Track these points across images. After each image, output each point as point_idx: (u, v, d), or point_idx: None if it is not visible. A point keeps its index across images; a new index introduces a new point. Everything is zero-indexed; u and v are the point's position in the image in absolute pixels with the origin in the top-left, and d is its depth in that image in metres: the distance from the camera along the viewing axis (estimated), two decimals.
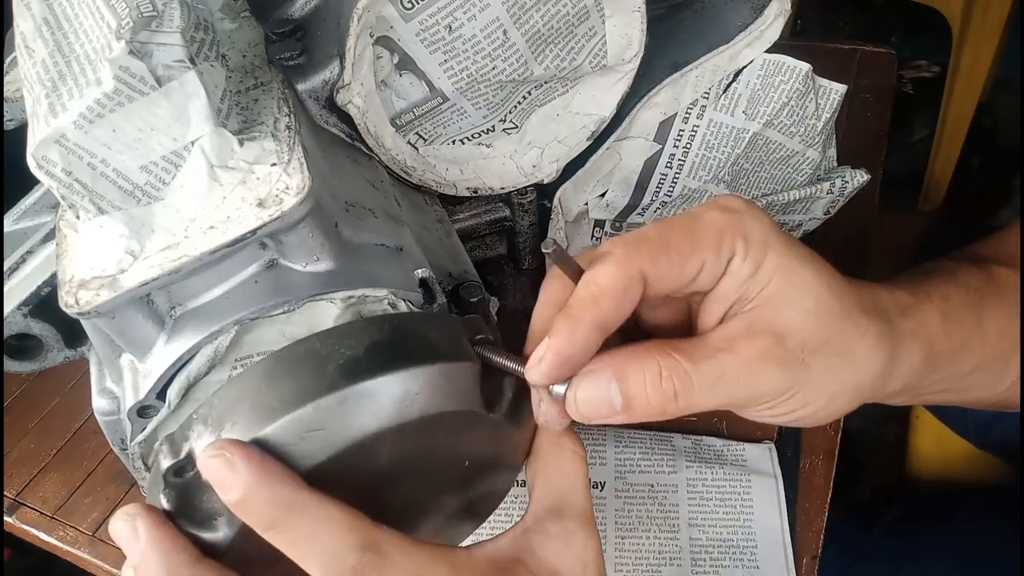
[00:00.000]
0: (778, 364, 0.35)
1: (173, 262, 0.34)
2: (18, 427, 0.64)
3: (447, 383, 0.34)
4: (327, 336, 0.34)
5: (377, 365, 0.33)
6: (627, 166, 0.55)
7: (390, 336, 0.34)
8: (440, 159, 0.50)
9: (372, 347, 0.33)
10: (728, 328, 0.36)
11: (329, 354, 0.33)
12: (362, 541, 0.32)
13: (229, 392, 0.33)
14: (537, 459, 0.39)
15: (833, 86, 0.54)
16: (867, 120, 0.76)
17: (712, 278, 0.36)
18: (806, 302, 0.36)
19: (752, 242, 0.35)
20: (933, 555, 0.67)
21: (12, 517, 0.59)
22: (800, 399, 0.36)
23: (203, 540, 0.33)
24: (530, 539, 0.37)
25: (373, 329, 0.34)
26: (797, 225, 0.60)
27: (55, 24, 0.36)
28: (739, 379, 0.35)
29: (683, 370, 0.34)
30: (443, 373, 0.34)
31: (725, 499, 0.55)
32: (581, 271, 0.35)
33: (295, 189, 0.34)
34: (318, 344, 0.34)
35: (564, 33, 0.47)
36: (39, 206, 0.45)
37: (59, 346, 0.44)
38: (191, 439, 0.33)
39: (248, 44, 0.42)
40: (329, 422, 0.32)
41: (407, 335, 0.35)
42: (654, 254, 0.35)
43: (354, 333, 0.34)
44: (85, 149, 0.33)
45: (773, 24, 0.51)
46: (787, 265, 0.36)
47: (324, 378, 0.32)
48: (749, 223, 0.36)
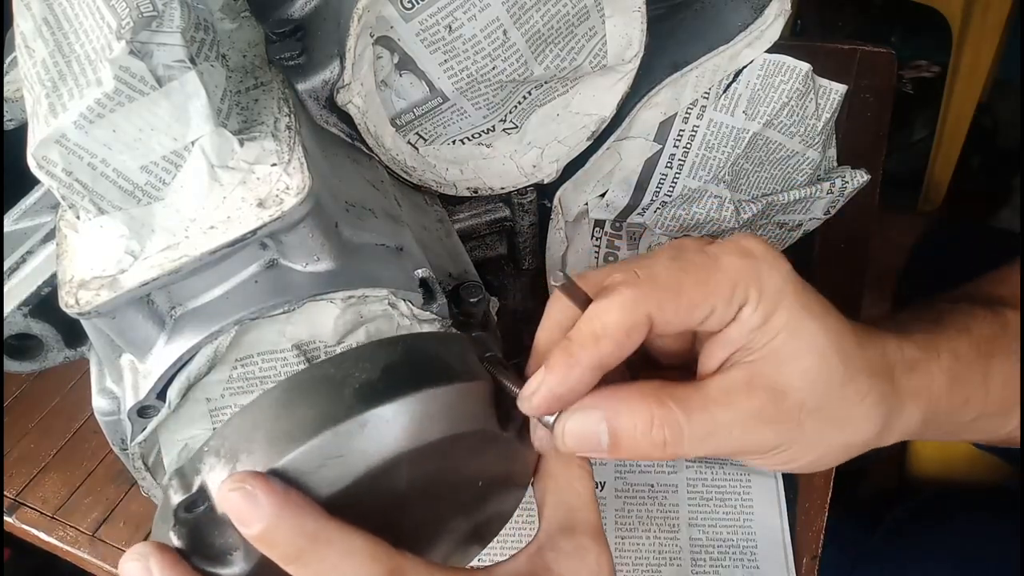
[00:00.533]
0: (772, 423, 0.35)
1: (173, 262, 0.34)
2: (18, 427, 0.64)
3: (463, 403, 0.34)
4: (341, 360, 0.33)
5: (394, 388, 0.32)
6: (627, 166, 0.55)
7: (404, 357, 0.34)
8: (440, 159, 0.50)
9: (387, 369, 0.33)
10: (727, 379, 0.36)
11: (344, 378, 0.32)
12: (387, 570, 0.31)
13: (241, 421, 0.33)
14: (546, 476, 0.39)
15: (833, 86, 0.54)
16: (867, 120, 0.76)
17: (720, 323, 0.36)
18: (809, 362, 0.35)
19: (766, 292, 0.35)
20: (934, 556, 0.67)
21: (12, 517, 0.59)
22: (788, 455, 0.37)
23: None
24: (544, 557, 0.37)
25: (386, 351, 0.34)
26: (797, 225, 0.60)
27: (55, 24, 0.36)
28: (731, 434, 0.35)
29: (676, 421, 0.34)
30: (459, 393, 0.33)
31: (725, 499, 0.55)
32: (589, 300, 0.35)
33: (295, 189, 0.34)
34: (332, 369, 0.33)
35: (564, 33, 0.47)
36: (39, 206, 0.45)
37: (59, 346, 0.44)
38: (203, 472, 0.32)
39: (248, 44, 0.42)
40: (349, 448, 0.31)
41: (421, 356, 0.34)
42: (663, 301, 0.34)
43: (368, 356, 0.33)
44: (85, 149, 0.33)
45: (773, 24, 0.51)
46: (797, 320, 0.35)
47: (341, 403, 0.31)
48: (766, 272, 0.35)
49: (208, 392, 0.39)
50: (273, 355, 0.39)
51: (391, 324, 0.40)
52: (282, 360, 0.39)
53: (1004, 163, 1.36)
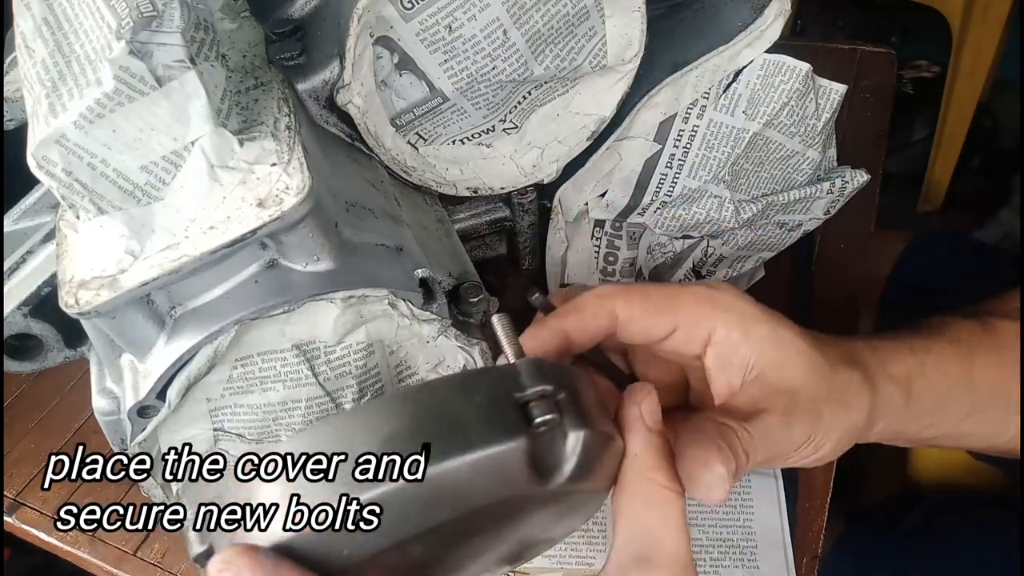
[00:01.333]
0: (799, 420, 0.38)
1: (173, 262, 0.34)
2: (18, 427, 0.64)
3: (483, 474, 0.29)
4: (349, 422, 0.29)
5: (389, 472, 0.28)
6: (627, 166, 0.55)
7: (410, 424, 0.29)
8: (440, 159, 0.50)
9: (388, 440, 0.28)
10: (747, 395, 0.39)
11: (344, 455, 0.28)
12: None
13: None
14: (622, 493, 0.33)
15: (833, 86, 0.54)
16: (867, 120, 0.76)
17: (688, 342, 0.39)
18: (800, 361, 0.39)
19: (733, 312, 0.39)
20: (934, 562, 0.67)
21: (12, 517, 0.59)
22: (815, 445, 0.39)
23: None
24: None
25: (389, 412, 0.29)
26: (797, 225, 0.60)
27: (55, 24, 0.36)
28: (773, 439, 0.38)
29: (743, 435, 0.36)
30: (474, 467, 0.28)
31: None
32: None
33: (295, 189, 0.34)
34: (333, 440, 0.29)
35: (564, 33, 0.47)
36: (39, 206, 0.45)
37: (59, 346, 0.44)
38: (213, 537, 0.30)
39: (248, 44, 0.42)
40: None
41: (428, 422, 0.29)
42: (630, 296, 0.39)
43: (368, 424, 0.29)
44: (85, 149, 0.33)
45: (773, 24, 0.51)
46: (773, 330, 0.39)
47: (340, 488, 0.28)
48: (728, 298, 0.40)
49: (208, 392, 0.39)
50: (273, 355, 0.39)
51: (391, 324, 0.40)
52: (282, 360, 0.39)
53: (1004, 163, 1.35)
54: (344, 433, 0.29)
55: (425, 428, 0.28)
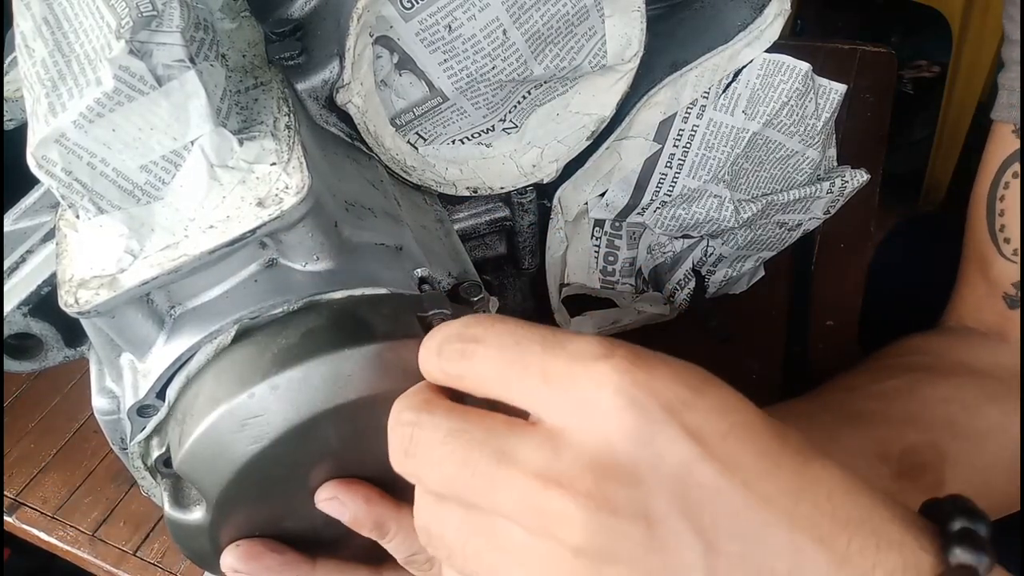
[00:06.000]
0: None
1: (173, 261, 0.34)
2: (18, 427, 0.64)
3: (384, 363, 0.34)
4: (268, 327, 0.35)
5: (308, 351, 0.34)
6: (627, 166, 0.55)
7: (326, 322, 0.35)
8: (440, 159, 0.50)
9: (307, 334, 0.34)
10: None
11: (267, 344, 0.34)
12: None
13: (192, 387, 0.36)
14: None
15: (833, 86, 0.54)
16: (867, 120, 0.76)
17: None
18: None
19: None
20: None
21: (12, 517, 0.59)
22: None
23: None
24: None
25: (311, 317, 0.35)
26: (797, 225, 0.60)
27: (55, 24, 0.36)
28: None
29: None
30: (378, 353, 0.34)
31: None
32: None
33: (295, 188, 0.34)
34: (260, 336, 0.35)
35: (564, 33, 0.47)
36: (39, 206, 0.45)
37: (59, 346, 0.44)
38: (169, 435, 0.36)
39: (248, 44, 0.42)
40: (265, 409, 0.33)
41: (344, 319, 0.35)
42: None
43: (291, 322, 0.35)
44: (85, 149, 0.33)
45: (773, 24, 0.51)
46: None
47: (259, 368, 0.34)
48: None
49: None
50: None
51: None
52: None
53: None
54: (276, 323, 0.36)
55: (338, 324, 0.35)
